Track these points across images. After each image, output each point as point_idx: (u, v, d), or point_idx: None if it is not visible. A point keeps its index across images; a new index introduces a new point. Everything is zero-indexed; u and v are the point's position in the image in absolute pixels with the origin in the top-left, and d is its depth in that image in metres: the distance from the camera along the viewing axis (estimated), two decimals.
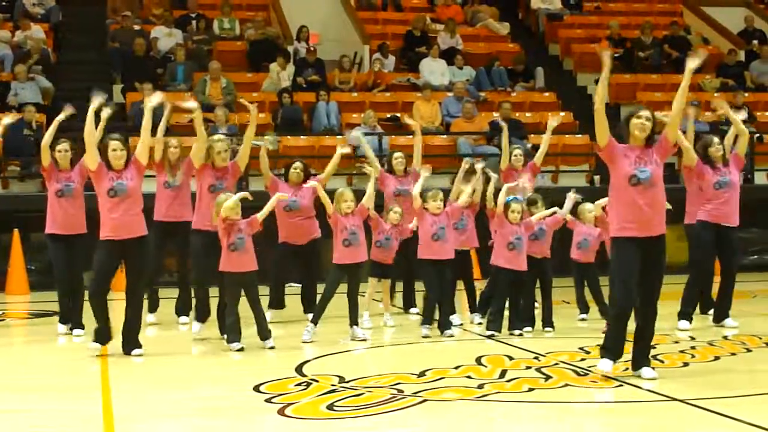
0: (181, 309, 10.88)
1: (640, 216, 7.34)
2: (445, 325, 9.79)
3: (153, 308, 11.02)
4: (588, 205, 10.26)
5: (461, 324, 10.45)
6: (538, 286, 10.05)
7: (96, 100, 8.74)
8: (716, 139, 10.08)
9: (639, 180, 7.33)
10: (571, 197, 10.00)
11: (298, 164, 10.87)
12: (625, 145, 7.48)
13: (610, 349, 7.55)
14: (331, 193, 9.74)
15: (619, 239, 7.44)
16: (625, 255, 7.39)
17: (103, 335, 8.92)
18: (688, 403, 6.66)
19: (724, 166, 9.93)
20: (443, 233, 9.68)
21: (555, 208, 10.09)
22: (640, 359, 7.56)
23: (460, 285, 10.67)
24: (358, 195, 9.94)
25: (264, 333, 9.17)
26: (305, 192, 10.64)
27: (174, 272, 11.56)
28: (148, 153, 8.91)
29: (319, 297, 9.83)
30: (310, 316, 10.76)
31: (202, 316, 9.90)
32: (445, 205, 9.81)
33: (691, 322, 10.09)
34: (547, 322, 9.98)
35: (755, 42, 21.42)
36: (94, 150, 8.72)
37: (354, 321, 9.66)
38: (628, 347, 7.68)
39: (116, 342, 8.98)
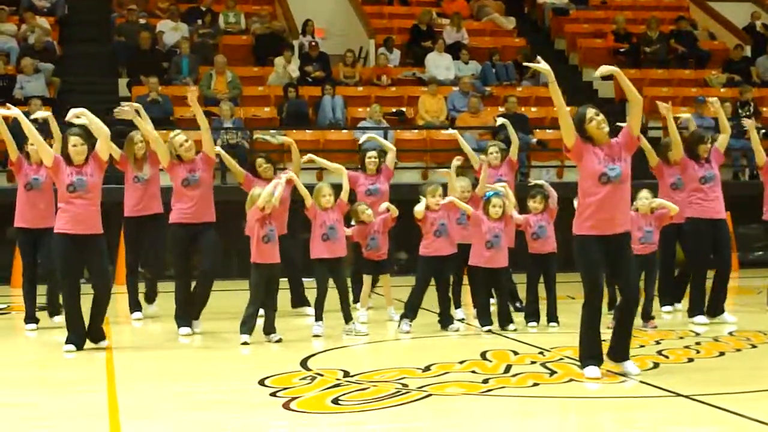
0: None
1: (605, 214, 7.26)
2: (446, 320, 9.80)
3: (151, 299, 10.95)
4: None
5: (463, 319, 10.45)
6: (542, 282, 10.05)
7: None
8: (709, 137, 10.23)
9: (609, 178, 7.25)
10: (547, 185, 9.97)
11: (261, 161, 10.70)
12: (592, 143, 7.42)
13: (592, 356, 7.40)
14: (309, 189, 9.71)
15: (583, 237, 7.35)
16: (589, 253, 7.31)
17: (79, 340, 8.83)
18: (692, 399, 6.66)
19: (707, 162, 10.12)
20: (444, 229, 9.65)
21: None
22: (621, 352, 7.47)
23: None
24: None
25: (269, 328, 9.20)
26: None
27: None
28: (108, 149, 8.84)
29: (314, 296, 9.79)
30: (301, 309, 10.84)
31: (186, 319, 9.70)
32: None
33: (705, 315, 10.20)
34: (552, 317, 9.97)
35: None
36: (51, 146, 8.78)
37: (348, 317, 9.59)
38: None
39: (120, 336, 8.99)
